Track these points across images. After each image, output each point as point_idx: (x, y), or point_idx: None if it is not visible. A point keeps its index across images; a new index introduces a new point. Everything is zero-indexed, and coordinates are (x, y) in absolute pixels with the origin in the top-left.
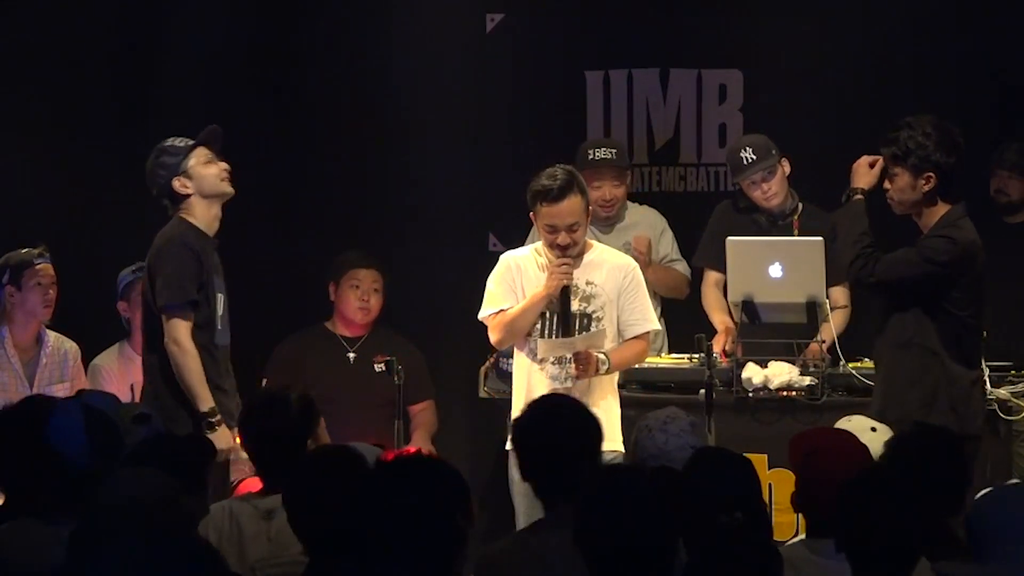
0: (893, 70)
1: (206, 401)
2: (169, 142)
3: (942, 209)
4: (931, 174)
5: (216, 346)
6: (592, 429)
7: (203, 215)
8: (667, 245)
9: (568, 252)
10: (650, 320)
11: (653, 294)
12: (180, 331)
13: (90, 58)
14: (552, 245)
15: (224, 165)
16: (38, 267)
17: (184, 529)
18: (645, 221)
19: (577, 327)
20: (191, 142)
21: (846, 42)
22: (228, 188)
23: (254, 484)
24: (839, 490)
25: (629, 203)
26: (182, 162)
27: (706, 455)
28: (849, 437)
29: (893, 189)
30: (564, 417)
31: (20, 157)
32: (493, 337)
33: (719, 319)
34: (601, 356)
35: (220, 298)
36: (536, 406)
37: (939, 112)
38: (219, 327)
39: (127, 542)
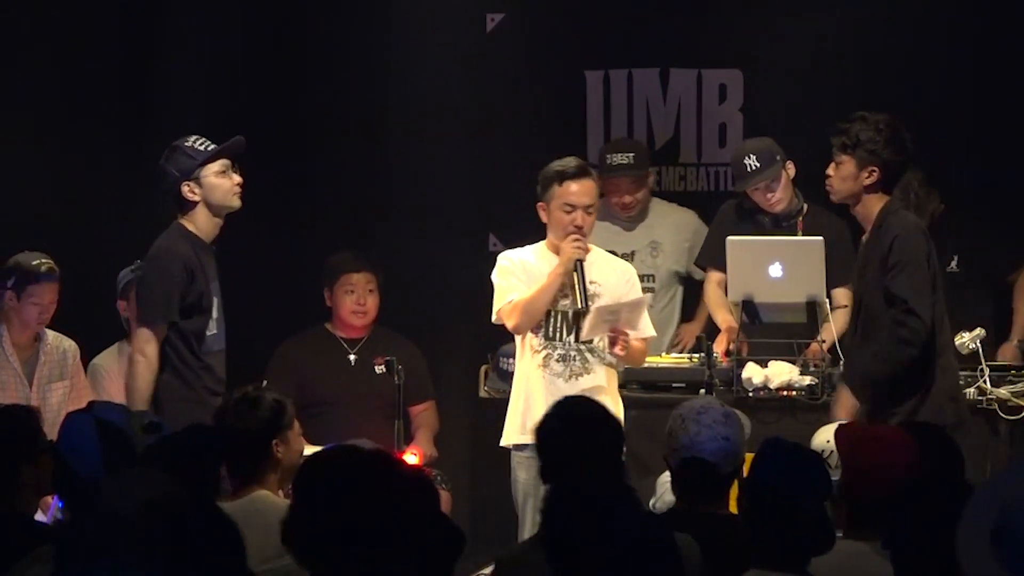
0: (894, 70)
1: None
2: (188, 142)
3: (880, 201)
4: (875, 168)
5: (208, 353)
6: (615, 430)
7: (204, 224)
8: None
9: (582, 233)
10: (648, 326)
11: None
12: (150, 343)
13: (91, 57)
14: (568, 226)
15: (238, 179)
16: (42, 285)
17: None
18: (673, 223)
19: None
20: (211, 146)
21: (846, 42)
22: (237, 203)
23: None
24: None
25: (660, 201)
26: (196, 168)
27: (778, 447)
28: (896, 431)
29: (835, 176)
30: (588, 419)
31: (20, 156)
32: (511, 323)
33: (722, 317)
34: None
35: (216, 302)
36: (559, 408)
37: (939, 111)
38: (214, 331)
39: (116, 554)
